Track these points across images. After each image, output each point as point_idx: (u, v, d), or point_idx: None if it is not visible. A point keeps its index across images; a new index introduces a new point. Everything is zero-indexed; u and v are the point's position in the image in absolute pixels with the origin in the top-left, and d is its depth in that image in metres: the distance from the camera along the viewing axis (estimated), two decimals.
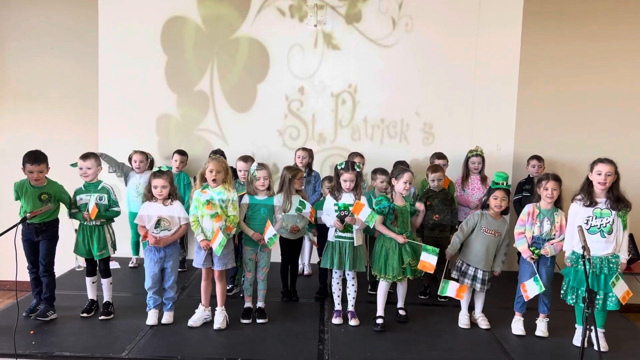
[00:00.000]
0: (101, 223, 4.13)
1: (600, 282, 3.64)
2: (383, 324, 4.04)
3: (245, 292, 4.22)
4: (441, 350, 3.74)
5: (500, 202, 3.97)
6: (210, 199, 3.91)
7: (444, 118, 5.79)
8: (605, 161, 3.65)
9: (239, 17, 5.80)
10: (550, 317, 4.02)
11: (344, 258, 4.08)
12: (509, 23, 5.67)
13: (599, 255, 3.63)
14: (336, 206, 4.09)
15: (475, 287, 4.05)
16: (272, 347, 3.69)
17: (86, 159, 4.14)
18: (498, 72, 5.72)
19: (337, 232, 4.09)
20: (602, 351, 3.61)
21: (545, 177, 3.92)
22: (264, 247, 4.07)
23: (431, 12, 5.70)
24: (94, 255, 4.13)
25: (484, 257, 4.00)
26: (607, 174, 3.60)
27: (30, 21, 5.85)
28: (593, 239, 3.60)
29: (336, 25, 5.78)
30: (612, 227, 3.63)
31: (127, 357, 3.47)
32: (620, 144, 5.45)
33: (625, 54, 5.67)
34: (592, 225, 3.66)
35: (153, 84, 5.83)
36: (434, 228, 4.70)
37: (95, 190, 4.12)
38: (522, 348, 3.79)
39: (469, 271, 4.05)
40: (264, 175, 4.07)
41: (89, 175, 4.13)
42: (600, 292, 3.64)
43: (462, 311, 4.20)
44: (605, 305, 3.65)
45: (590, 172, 3.70)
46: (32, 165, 3.93)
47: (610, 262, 3.64)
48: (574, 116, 5.70)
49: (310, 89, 5.85)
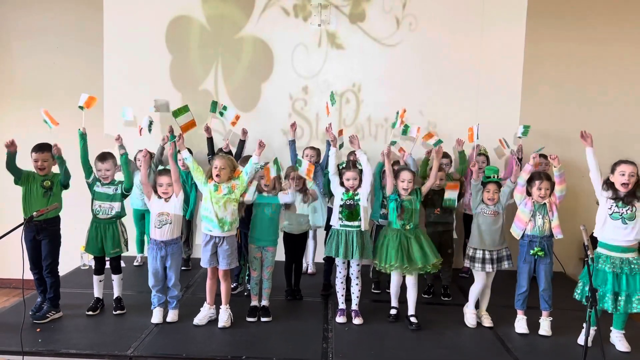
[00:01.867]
0: (114, 220, 4.17)
1: (622, 283, 3.65)
2: (395, 315, 4.15)
3: (252, 291, 4.24)
4: (445, 348, 3.76)
5: (492, 195, 4.07)
6: (219, 185, 3.96)
7: (448, 117, 5.79)
8: (629, 162, 3.67)
9: (243, 17, 5.83)
10: (554, 316, 4.03)
11: (350, 247, 4.08)
12: (513, 22, 5.68)
13: (621, 247, 3.65)
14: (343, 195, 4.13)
15: (487, 269, 4.07)
16: (276, 345, 3.71)
17: (104, 160, 4.17)
18: (502, 72, 5.73)
19: (343, 221, 4.10)
20: (625, 351, 3.69)
21: (538, 176, 3.96)
22: (269, 246, 4.13)
23: (435, 11, 5.72)
24: (107, 253, 4.16)
25: (489, 237, 4.07)
26: (631, 175, 3.63)
27: (35, 20, 5.90)
28: (614, 225, 3.67)
29: (340, 25, 5.79)
30: (633, 213, 3.64)
31: (133, 355, 3.50)
32: (625, 143, 5.45)
33: (629, 53, 5.68)
34: (614, 211, 3.69)
35: (158, 83, 5.86)
36: (437, 223, 4.71)
37: (113, 185, 4.19)
38: (525, 347, 3.80)
39: (477, 255, 4.09)
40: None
41: (109, 177, 4.18)
42: (622, 292, 3.64)
43: (469, 307, 4.21)
44: (628, 307, 3.64)
45: (612, 174, 3.72)
46: (37, 153, 4.00)
47: (632, 263, 3.65)
48: (578, 115, 5.69)
49: (314, 88, 5.87)
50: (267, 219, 4.13)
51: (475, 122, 4.89)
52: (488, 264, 4.07)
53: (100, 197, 4.15)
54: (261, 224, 4.14)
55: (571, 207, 4.49)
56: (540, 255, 3.92)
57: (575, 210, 5.01)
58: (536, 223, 3.93)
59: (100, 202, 4.15)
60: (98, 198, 4.16)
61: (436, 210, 4.70)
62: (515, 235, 4.02)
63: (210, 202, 3.94)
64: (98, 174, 4.17)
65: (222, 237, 3.97)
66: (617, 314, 3.73)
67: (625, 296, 3.64)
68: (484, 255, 4.08)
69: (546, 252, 3.94)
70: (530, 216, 3.94)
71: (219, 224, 3.93)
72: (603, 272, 3.68)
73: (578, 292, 3.82)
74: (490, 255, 4.08)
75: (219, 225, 3.93)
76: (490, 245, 4.08)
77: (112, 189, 4.19)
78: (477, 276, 4.17)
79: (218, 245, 3.99)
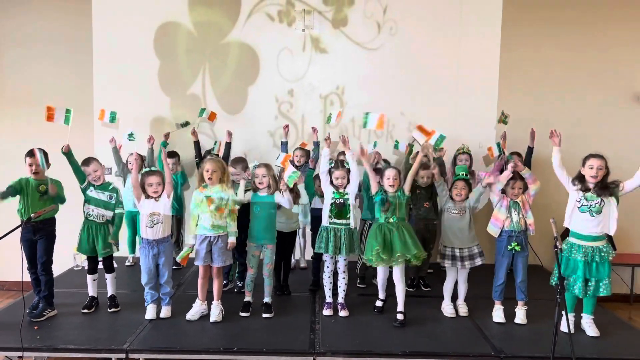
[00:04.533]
0: (106, 222, 4.31)
1: (592, 270, 3.90)
2: (381, 307, 4.36)
3: (247, 288, 4.38)
4: (426, 337, 3.95)
5: (460, 191, 4.31)
6: (209, 196, 4.10)
7: (428, 118, 5.96)
8: (597, 156, 3.91)
9: (229, 23, 5.99)
10: (529, 306, 4.25)
11: (340, 244, 4.26)
12: (489, 28, 5.93)
13: (591, 237, 3.89)
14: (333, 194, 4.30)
15: (457, 265, 4.30)
16: (266, 338, 3.87)
17: (89, 163, 4.30)
18: (479, 74, 5.96)
19: (333, 219, 4.28)
20: (594, 336, 3.93)
21: (512, 177, 4.16)
22: (268, 243, 4.29)
23: (414, 16, 5.93)
24: (99, 254, 4.30)
25: (455, 235, 4.30)
26: (599, 168, 3.87)
27: (25, 29, 6.00)
28: (582, 218, 3.92)
29: (323, 30, 5.98)
30: (600, 207, 3.88)
31: (129, 349, 3.64)
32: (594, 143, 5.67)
33: (599, 58, 5.95)
34: (582, 204, 3.92)
35: (147, 88, 6.00)
36: (421, 219, 4.88)
37: (107, 190, 4.32)
38: (502, 334, 4.01)
39: (447, 252, 4.32)
40: (262, 173, 4.27)
41: (100, 178, 4.32)
42: (592, 279, 3.91)
43: (445, 301, 4.44)
44: (597, 291, 3.91)
45: (583, 167, 3.96)
46: (30, 158, 4.12)
47: (602, 251, 3.90)
48: (551, 115, 5.93)
49: (299, 91, 6.05)
50: (264, 217, 4.27)
51: (453, 121, 5.09)
52: (458, 262, 4.29)
53: (93, 202, 4.28)
54: (259, 222, 4.27)
55: (546, 203, 4.71)
56: (518, 249, 4.15)
57: (550, 205, 5.22)
58: (512, 219, 4.16)
59: (93, 207, 4.28)
60: (91, 202, 4.28)
61: (425, 204, 4.88)
62: (493, 233, 4.23)
63: (201, 211, 4.10)
64: (88, 178, 4.29)
65: (216, 236, 4.12)
66: (587, 298, 3.98)
67: (595, 282, 3.91)
68: (453, 252, 4.30)
69: (523, 246, 4.17)
70: (507, 214, 4.17)
71: (213, 228, 4.10)
72: (574, 260, 3.93)
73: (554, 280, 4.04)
74: (460, 253, 4.29)
75: (214, 229, 4.10)
76: (458, 244, 4.29)
77: (106, 195, 4.31)
78: (448, 272, 4.41)
79: (213, 243, 4.13)
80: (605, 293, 3.91)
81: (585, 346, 3.77)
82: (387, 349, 3.73)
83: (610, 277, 3.93)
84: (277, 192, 4.30)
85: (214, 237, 4.12)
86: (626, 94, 5.99)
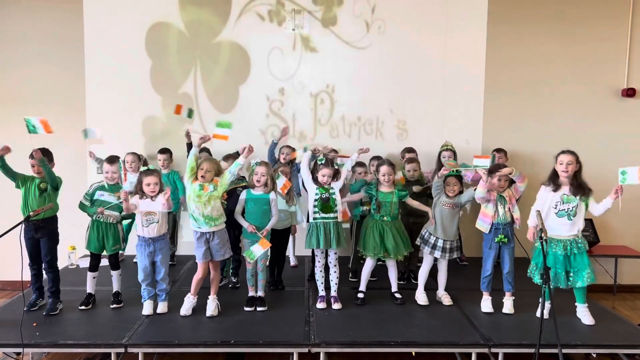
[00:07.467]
0: (116, 221, 4.39)
1: (572, 261, 4.07)
2: (363, 299, 4.49)
3: (248, 282, 4.46)
4: (417, 327, 4.08)
5: (452, 187, 4.45)
6: (204, 185, 4.13)
7: (417, 115, 6.15)
8: (567, 152, 4.11)
9: (220, 22, 6.06)
10: (516, 296, 4.39)
11: (330, 237, 4.37)
12: (475, 25, 6.06)
13: (567, 237, 4.06)
14: (317, 190, 4.40)
15: (435, 254, 4.47)
16: (262, 330, 3.96)
17: (112, 163, 4.38)
18: (465, 71, 6.10)
19: (320, 214, 4.38)
20: (590, 324, 4.10)
21: (497, 169, 4.28)
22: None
23: (402, 15, 6.05)
24: (108, 250, 4.37)
25: (441, 227, 4.46)
26: (568, 163, 4.05)
27: (16, 28, 6.01)
28: (561, 222, 4.08)
29: (313, 29, 6.08)
30: (576, 210, 4.06)
31: (128, 343, 3.71)
32: (577, 137, 5.85)
33: (582, 53, 6.12)
34: (560, 209, 4.08)
35: (138, 88, 6.05)
36: (410, 214, 4.99)
37: (118, 191, 4.36)
38: (490, 323, 4.14)
39: (430, 239, 4.49)
40: (262, 172, 4.35)
41: (115, 179, 4.39)
42: (572, 270, 4.08)
43: (419, 289, 4.59)
44: (580, 282, 4.05)
45: (556, 163, 4.14)
46: (32, 159, 4.16)
47: (578, 243, 4.07)
48: (536, 112, 6.14)
49: (290, 90, 6.14)
50: (260, 213, 4.35)
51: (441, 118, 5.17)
52: (438, 251, 4.46)
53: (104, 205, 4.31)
54: (255, 218, 4.36)
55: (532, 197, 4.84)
56: (504, 242, 4.29)
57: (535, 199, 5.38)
58: (499, 212, 4.30)
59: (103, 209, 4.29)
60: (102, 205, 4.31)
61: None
62: (483, 229, 4.35)
63: (193, 202, 4.12)
64: (106, 176, 4.37)
65: (212, 232, 4.19)
66: (577, 289, 4.13)
67: (575, 273, 4.07)
68: (436, 242, 4.47)
69: (509, 238, 4.31)
70: (494, 209, 4.30)
71: (205, 220, 4.15)
72: (554, 254, 4.08)
73: (534, 273, 4.19)
74: (442, 244, 4.45)
75: (206, 222, 4.15)
76: (443, 236, 4.46)
77: (116, 197, 4.35)
78: (425, 258, 4.58)
79: (210, 240, 4.20)
80: (590, 280, 4.05)
81: (569, 333, 3.90)
82: (379, 339, 3.85)
83: (592, 265, 4.09)
84: (272, 192, 4.41)
85: (209, 234, 4.19)
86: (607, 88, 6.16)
